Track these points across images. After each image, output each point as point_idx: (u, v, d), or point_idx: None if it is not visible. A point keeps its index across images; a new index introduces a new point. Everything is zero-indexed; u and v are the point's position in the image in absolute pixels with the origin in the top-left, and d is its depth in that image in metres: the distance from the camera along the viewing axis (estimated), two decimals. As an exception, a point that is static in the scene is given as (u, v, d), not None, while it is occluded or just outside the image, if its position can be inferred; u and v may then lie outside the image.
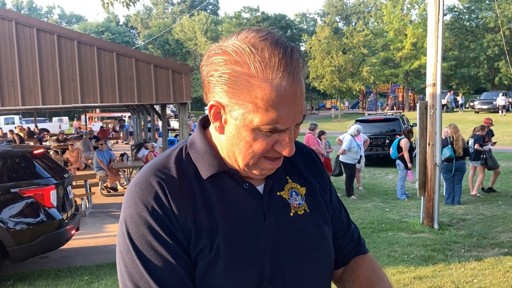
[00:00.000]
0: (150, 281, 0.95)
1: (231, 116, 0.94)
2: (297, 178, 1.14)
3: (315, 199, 1.14)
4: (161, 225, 0.96)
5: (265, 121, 0.91)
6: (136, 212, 0.97)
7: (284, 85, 0.89)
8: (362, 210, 8.88)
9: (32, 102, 8.71)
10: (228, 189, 1.04)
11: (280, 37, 0.94)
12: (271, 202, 1.06)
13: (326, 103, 54.50)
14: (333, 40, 41.47)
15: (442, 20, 7.17)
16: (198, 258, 0.98)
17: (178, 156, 1.06)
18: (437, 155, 7.26)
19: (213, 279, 0.97)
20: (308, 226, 1.09)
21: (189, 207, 0.99)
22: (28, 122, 30.66)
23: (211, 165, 1.03)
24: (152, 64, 9.20)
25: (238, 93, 0.91)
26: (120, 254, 0.99)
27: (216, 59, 0.93)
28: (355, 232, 1.26)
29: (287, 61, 0.90)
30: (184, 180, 1.02)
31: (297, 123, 0.95)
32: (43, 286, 5.34)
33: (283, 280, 1.03)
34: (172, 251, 0.96)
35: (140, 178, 1.02)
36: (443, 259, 5.77)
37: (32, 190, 5.56)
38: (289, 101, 0.91)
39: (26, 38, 8.50)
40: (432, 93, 7.29)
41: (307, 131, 10.45)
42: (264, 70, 0.89)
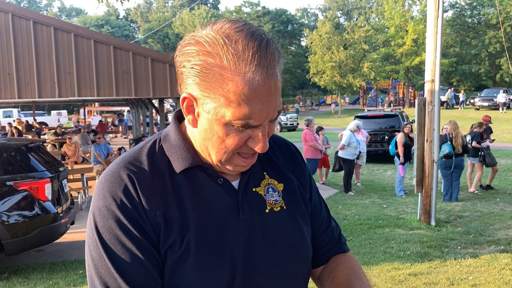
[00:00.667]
0: (117, 277, 0.92)
1: (204, 109, 0.91)
2: (274, 173, 1.11)
3: (292, 196, 1.10)
4: (129, 219, 0.93)
5: (237, 116, 0.88)
6: (104, 205, 0.95)
7: (257, 79, 0.86)
8: (359, 206, 8.86)
9: (28, 95, 8.68)
10: (202, 184, 1.01)
11: (256, 29, 0.90)
12: (246, 198, 1.03)
13: (326, 99, 54.45)
14: (334, 36, 41.39)
15: (442, 17, 7.13)
16: (168, 253, 0.95)
17: (151, 149, 1.02)
18: (435, 151, 7.24)
19: (182, 275, 0.94)
20: (284, 223, 1.06)
21: (159, 201, 0.96)
22: (27, 116, 30.63)
23: (184, 159, 1.00)
24: (149, 58, 9.16)
25: (210, 86, 0.88)
26: (88, 248, 0.96)
27: (189, 49, 0.90)
28: (335, 230, 1.22)
29: (262, 54, 0.87)
30: (156, 173, 0.99)
31: (271, 119, 0.92)
32: (38, 279, 5.33)
33: (257, 278, 1.00)
34: (140, 245, 0.93)
35: (110, 170, 0.99)
36: (439, 256, 5.76)
37: (27, 184, 5.53)
38: (262, 96, 0.87)
39: (23, 30, 8.46)
40: (431, 89, 7.26)
41: (304, 127, 10.43)
42: (237, 63, 0.86)
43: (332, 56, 40.07)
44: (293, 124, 31.15)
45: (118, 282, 0.92)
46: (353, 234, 6.84)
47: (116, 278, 0.92)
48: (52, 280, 5.27)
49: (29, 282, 5.27)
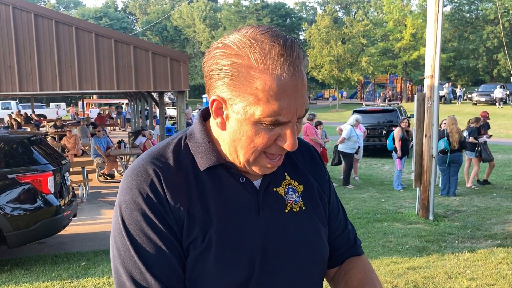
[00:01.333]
0: (142, 267, 0.96)
1: (233, 110, 0.94)
2: (295, 175, 1.14)
3: (312, 197, 1.14)
4: (155, 212, 0.97)
5: (266, 113, 0.90)
6: (131, 198, 0.98)
7: (284, 75, 0.89)
8: (358, 200, 8.93)
9: (29, 88, 8.68)
10: (224, 182, 1.04)
11: (280, 31, 0.94)
12: (266, 198, 1.06)
13: (324, 93, 54.43)
14: (332, 30, 41.29)
15: (442, 12, 7.16)
16: (190, 247, 0.99)
17: (177, 146, 1.06)
18: (433, 146, 7.30)
19: (204, 269, 0.98)
20: (302, 223, 1.09)
21: (183, 197, 1.00)
22: (25, 108, 30.54)
23: (208, 158, 1.03)
24: (150, 52, 9.16)
25: (239, 85, 0.91)
26: (113, 238, 1.01)
27: (217, 53, 0.94)
28: (351, 233, 1.26)
29: (287, 52, 0.90)
30: (181, 170, 1.02)
31: (299, 116, 0.95)
32: (40, 272, 5.38)
33: (274, 275, 1.04)
34: (164, 239, 0.97)
35: (137, 165, 1.03)
36: (437, 250, 5.83)
37: (29, 176, 5.57)
38: (290, 92, 0.90)
39: (24, 23, 8.45)
40: (430, 84, 7.31)
41: (305, 121, 10.47)
42: (264, 61, 0.89)
43: (331, 50, 40.01)
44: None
45: (143, 272, 0.96)
46: (352, 228, 6.90)
47: (141, 268, 0.96)
48: (55, 272, 5.32)
49: (32, 274, 5.32)
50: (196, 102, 40.65)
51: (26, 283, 5.03)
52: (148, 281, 0.96)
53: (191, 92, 55.51)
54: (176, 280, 0.98)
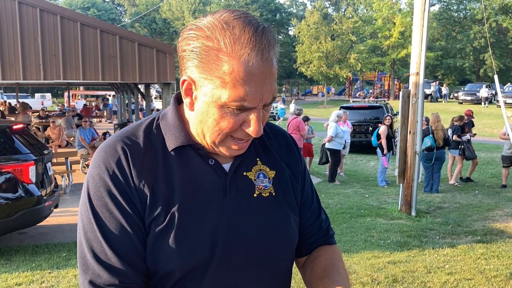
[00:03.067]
0: (102, 241, 0.98)
1: (201, 92, 0.95)
2: (267, 160, 1.14)
3: (283, 184, 1.14)
4: (119, 189, 0.99)
5: (232, 98, 0.91)
6: (97, 173, 1.01)
7: (252, 62, 0.90)
8: (342, 196, 8.99)
9: (12, 77, 8.56)
10: (192, 162, 1.05)
11: (254, 18, 0.95)
12: (235, 181, 1.07)
13: (312, 89, 54.54)
14: (322, 26, 41.36)
15: (428, 10, 7.22)
16: (152, 225, 1.00)
17: (149, 126, 1.08)
18: (417, 143, 7.36)
19: (163, 247, 0.99)
20: (271, 208, 1.09)
21: (149, 175, 1.01)
22: (10, 98, 30.16)
23: (177, 138, 1.05)
24: (136, 43, 9.09)
25: (207, 68, 0.92)
26: (79, 212, 1.03)
27: (190, 34, 0.95)
28: (324, 223, 1.26)
29: (257, 39, 0.91)
30: (150, 149, 1.04)
31: (266, 103, 0.95)
32: (21, 262, 5.33)
33: (237, 258, 1.04)
34: (126, 215, 0.99)
35: (108, 142, 1.05)
36: (418, 245, 5.90)
37: (10, 166, 5.50)
38: (257, 78, 0.91)
39: (8, 11, 8.31)
40: (415, 82, 7.36)
41: (294, 116, 10.49)
42: (234, 46, 0.90)
43: (320, 46, 40.07)
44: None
45: (103, 246, 0.98)
46: (335, 222, 6.95)
47: (102, 242, 0.98)
48: (35, 263, 5.28)
49: (12, 264, 5.27)
50: (184, 96, 40.41)
51: (6, 272, 4.98)
52: (107, 255, 0.98)
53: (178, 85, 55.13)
54: (135, 255, 0.99)
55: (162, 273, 1.01)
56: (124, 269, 0.98)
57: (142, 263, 1.00)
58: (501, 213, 7.66)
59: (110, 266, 0.98)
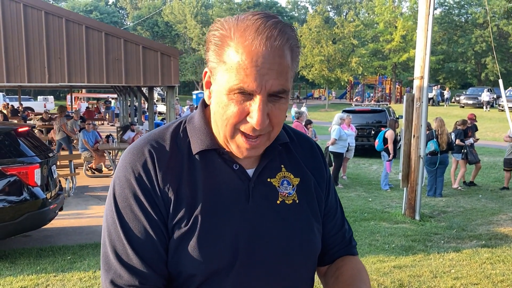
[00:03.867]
0: (125, 243, 1.00)
1: (215, 81, 0.98)
2: (292, 167, 1.13)
3: (307, 192, 1.13)
4: (144, 191, 1.01)
5: (233, 81, 0.92)
6: (124, 175, 1.03)
7: (255, 46, 0.91)
8: (345, 199, 8.97)
9: (17, 79, 8.57)
10: (216, 167, 1.05)
11: (274, 15, 0.96)
12: (258, 187, 1.07)
13: (314, 93, 54.54)
14: (323, 30, 41.36)
15: (433, 14, 7.22)
16: (175, 228, 1.01)
17: (176, 130, 1.09)
18: (421, 147, 7.36)
19: (185, 251, 1.00)
20: (294, 216, 1.09)
21: (174, 178, 1.02)
22: (12, 100, 30.18)
23: (202, 141, 1.06)
24: (141, 46, 9.10)
25: (218, 54, 0.95)
26: (105, 212, 1.05)
27: (213, 27, 0.99)
28: (347, 233, 1.26)
29: (265, 28, 0.92)
30: (176, 153, 1.05)
31: (270, 91, 0.93)
32: (25, 265, 5.32)
33: (258, 264, 1.03)
34: (150, 218, 1.00)
35: (135, 145, 1.07)
36: (423, 250, 5.89)
37: (16, 168, 5.50)
38: (259, 63, 0.91)
39: (13, 13, 8.33)
40: (419, 86, 7.36)
41: (294, 119, 10.49)
42: (242, 34, 0.92)
43: (321, 50, 40.07)
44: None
45: (126, 247, 1.00)
46: (339, 226, 6.94)
47: (124, 243, 1.00)
48: (40, 266, 5.27)
49: (16, 267, 5.27)
50: (186, 99, 40.46)
51: (11, 275, 4.97)
52: (129, 256, 1.00)
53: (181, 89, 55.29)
54: (157, 258, 1.01)
55: (184, 276, 1.01)
56: (145, 271, 0.99)
57: (163, 266, 1.01)
58: (505, 217, 7.64)
59: (131, 267, 0.99)
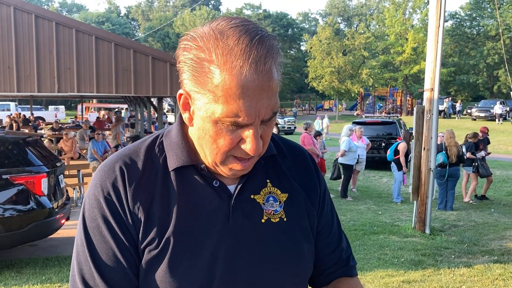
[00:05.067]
0: (92, 267, 0.94)
1: (196, 106, 0.89)
2: (279, 182, 1.04)
3: (296, 209, 1.03)
4: (112, 212, 0.94)
5: (225, 113, 0.84)
6: (93, 194, 0.97)
7: (245, 74, 0.82)
8: (354, 212, 8.87)
9: (27, 89, 8.65)
10: (193, 184, 0.97)
11: (254, 26, 0.87)
12: (241, 205, 0.98)
13: (324, 104, 54.54)
14: (334, 41, 41.49)
15: (443, 26, 7.17)
16: (146, 250, 0.94)
17: (151, 144, 1.02)
18: (431, 160, 7.26)
19: (157, 274, 0.93)
20: (280, 236, 0.99)
21: (146, 197, 0.95)
22: (24, 110, 30.52)
23: (178, 157, 0.98)
24: (150, 56, 9.15)
25: (200, 81, 0.86)
26: (76, 232, 1.00)
27: (185, 44, 0.89)
28: (345, 252, 1.15)
29: (252, 49, 0.83)
30: (150, 169, 0.98)
31: (264, 119, 0.87)
32: (31, 274, 5.30)
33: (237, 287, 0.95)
34: (118, 240, 0.94)
35: (107, 161, 1.01)
36: (433, 264, 5.77)
37: (23, 178, 5.51)
38: (251, 92, 0.83)
39: (24, 24, 8.44)
40: (430, 98, 7.29)
41: (303, 130, 10.46)
42: (226, 57, 0.82)
43: (331, 61, 40.16)
44: (291, 128, 31.28)
45: (92, 271, 0.94)
46: (348, 239, 6.84)
47: (91, 267, 0.94)
48: (45, 275, 5.24)
49: (22, 276, 5.25)
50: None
51: (16, 285, 4.95)
52: (96, 281, 0.93)
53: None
54: (125, 283, 0.94)
55: None
56: None
57: None
58: (518, 232, 7.48)
59: None
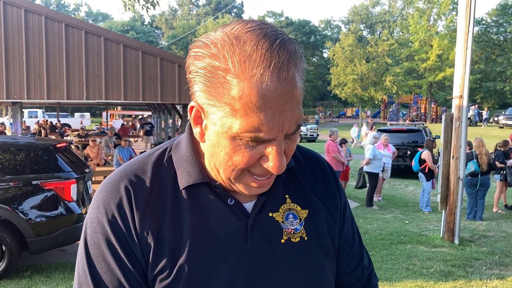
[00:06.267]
0: None
1: (210, 120, 0.80)
2: (298, 197, 0.96)
3: (318, 226, 0.96)
4: (118, 237, 0.86)
5: (244, 128, 0.75)
6: (96, 217, 0.88)
7: (267, 83, 0.73)
8: (381, 221, 8.74)
9: (57, 96, 8.83)
10: (207, 203, 0.89)
11: (272, 29, 0.78)
12: (259, 224, 0.90)
13: (346, 111, 54.22)
14: (356, 48, 41.27)
15: (472, 32, 7.05)
16: (156, 280, 0.86)
17: (159, 158, 0.93)
18: (460, 168, 7.11)
19: None
20: (302, 257, 0.92)
21: (155, 220, 0.87)
22: (51, 117, 31.15)
23: (189, 174, 0.89)
24: (176, 64, 9.25)
25: (214, 93, 0.77)
26: (77, 257, 0.92)
27: (196, 52, 0.80)
28: (366, 270, 1.08)
29: (273, 54, 0.74)
30: (158, 188, 0.89)
31: (287, 132, 0.78)
32: (60, 279, 5.36)
33: None
34: (125, 269, 0.86)
35: (110, 179, 0.91)
36: (464, 276, 5.63)
37: (53, 183, 5.60)
38: (274, 103, 0.74)
39: (55, 32, 8.63)
40: (459, 105, 7.16)
41: (328, 138, 10.39)
42: (244, 66, 0.74)
43: (354, 68, 39.93)
44: (313, 135, 31.14)
45: None
46: (375, 249, 6.74)
47: None
48: (73, 281, 5.29)
49: (51, 281, 5.31)
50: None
51: (45, 290, 5.02)
52: None
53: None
54: None
55: None
56: None
57: None
58: (552, 244, 7.26)
59: None
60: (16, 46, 8.59)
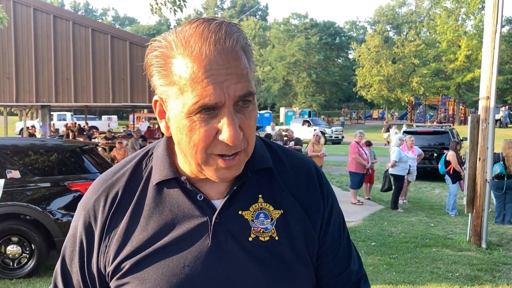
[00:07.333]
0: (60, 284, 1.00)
1: (169, 108, 0.85)
2: (272, 198, 0.93)
3: (292, 227, 0.92)
4: (86, 234, 0.95)
5: (193, 100, 0.79)
6: (77, 214, 0.98)
7: (206, 53, 0.78)
8: (405, 224, 8.63)
9: (84, 99, 9.04)
10: (174, 199, 0.91)
11: (213, 18, 0.84)
12: (226, 220, 0.89)
13: (373, 113, 53.65)
14: (383, 49, 40.84)
15: (500, 31, 6.90)
16: (114, 274, 0.90)
17: (141, 158, 0.99)
18: (487, 171, 6.97)
19: None
20: (270, 256, 0.89)
21: (122, 216, 0.92)
22: (79, 119, 31.83)
23: (161, 171, 0.93)
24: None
25: (166, 76, 0.82)
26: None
27: (149, 49, 0.87)
28: (354, 275, 1.04)
29: (211, 32, 0.80)
30: (132, 185, 0.94)
31: (236, 98, 0.80)
32: (85, 278, 5.48)
33: None
34: (83, 271, 0.96)
35: (103, 175, 1.00)
36: (491, 280, 5.51)
37: (80, 184, 5.73)
38: (215, 71, 0.78)
39: (82, 37, 8.84)
40: (485, 106, 7.02)
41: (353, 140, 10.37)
42: (185, 44, 0.80)
43: (380, 69, 39.53)
44: (338, 137, 30.92)
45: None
46: (399, 252, 6.67)
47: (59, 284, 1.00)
48: (99, 280, 5.41)
49: (77, 280, 5.44)
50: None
51: (71, 288, 5.13)
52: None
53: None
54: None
55: None
56: None
57: None
58: None
59: None
60: (45, 51, 8.84)
